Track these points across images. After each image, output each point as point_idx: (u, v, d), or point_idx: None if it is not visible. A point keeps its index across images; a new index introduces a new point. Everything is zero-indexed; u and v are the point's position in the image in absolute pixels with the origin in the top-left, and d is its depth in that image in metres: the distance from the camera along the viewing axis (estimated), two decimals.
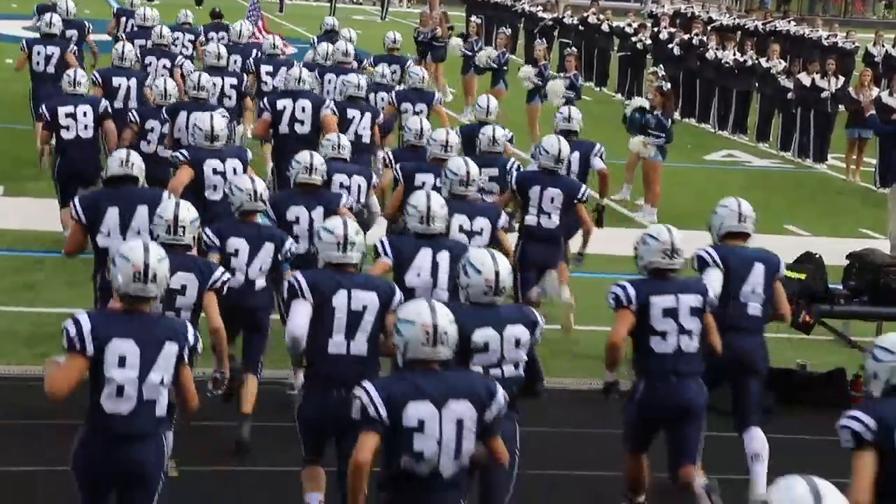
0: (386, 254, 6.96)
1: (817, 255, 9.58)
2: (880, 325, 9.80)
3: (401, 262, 6.93)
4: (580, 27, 26.56)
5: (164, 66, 13.53)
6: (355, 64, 13.83)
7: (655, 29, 25.09)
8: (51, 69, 13.56)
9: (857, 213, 16.10)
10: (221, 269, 6.72)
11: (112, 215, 7.45)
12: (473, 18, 22.77)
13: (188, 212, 6.59)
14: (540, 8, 28.73)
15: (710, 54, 21.72)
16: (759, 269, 7.10)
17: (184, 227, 6.54)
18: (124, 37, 14.92)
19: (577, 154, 10.25)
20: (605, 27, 25.97)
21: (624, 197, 15.20)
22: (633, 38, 24.56)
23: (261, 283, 7.49)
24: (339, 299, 6.01)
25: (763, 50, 22.17)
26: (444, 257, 6.93)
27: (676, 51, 22.78)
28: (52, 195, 12.52)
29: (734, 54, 21.49)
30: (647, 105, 14.34)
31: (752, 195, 9.36)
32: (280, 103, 10.83)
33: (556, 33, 27.71)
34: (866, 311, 9.60)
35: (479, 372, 5.49)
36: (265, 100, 11.16)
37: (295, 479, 6.37)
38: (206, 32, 16.15)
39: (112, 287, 5.24)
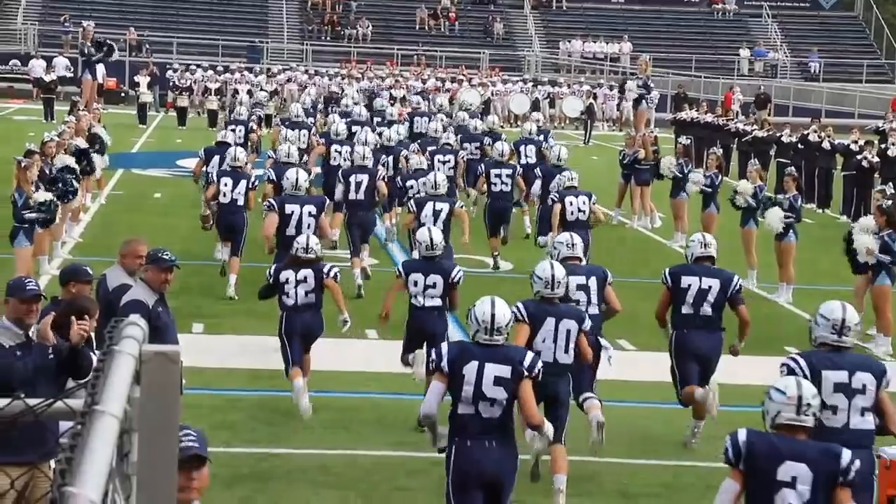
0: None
1: None
2: None
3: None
4: (799, 145, 26.50)
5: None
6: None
7: (883, 145, 24.84)
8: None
9: None
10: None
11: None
12: (682, 139, 23.04)
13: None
14: (755, 126, 28.80)
15: None
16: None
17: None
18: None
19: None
20: (826, 145, 25.86)
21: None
22: (859, 156, 24.34)
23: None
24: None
25: None
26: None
27: None
28: (247, 332, 13.18)
29: None
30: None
31: None
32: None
33: (772, 153, 27.67)
34: None
35: None
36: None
37: None
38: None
39: None
